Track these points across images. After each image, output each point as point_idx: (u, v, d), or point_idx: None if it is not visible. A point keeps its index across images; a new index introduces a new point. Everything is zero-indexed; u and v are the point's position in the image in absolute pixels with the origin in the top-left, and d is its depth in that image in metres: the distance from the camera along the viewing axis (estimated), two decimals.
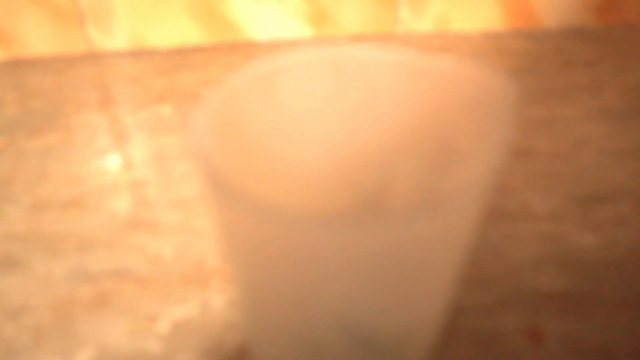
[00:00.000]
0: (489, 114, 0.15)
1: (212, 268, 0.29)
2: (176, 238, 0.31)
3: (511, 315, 0.27)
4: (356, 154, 0.18)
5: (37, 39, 0.52)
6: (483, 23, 0.56)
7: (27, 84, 0.48)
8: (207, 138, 0.13)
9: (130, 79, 0.49)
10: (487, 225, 0.32)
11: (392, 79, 0.16)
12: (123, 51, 0.54)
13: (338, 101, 0.17)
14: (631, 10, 0.56)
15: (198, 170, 0.12)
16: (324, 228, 0.11)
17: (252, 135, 0.16)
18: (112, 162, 0.38)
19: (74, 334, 0.26)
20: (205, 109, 0.14)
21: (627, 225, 0.32)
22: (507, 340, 0.26)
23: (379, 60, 0.17)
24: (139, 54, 0.53)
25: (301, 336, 0.14)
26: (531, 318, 0.27)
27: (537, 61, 0.50)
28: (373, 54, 0.17)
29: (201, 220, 0.33)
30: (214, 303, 0.27)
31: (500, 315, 0.27)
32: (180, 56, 0.53)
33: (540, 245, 0.31)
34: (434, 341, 0.17)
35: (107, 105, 0.45)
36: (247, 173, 0.16)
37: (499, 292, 0.28)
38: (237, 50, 0.54)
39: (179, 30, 0.54)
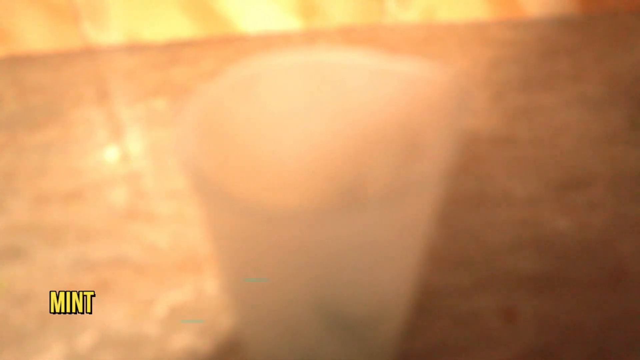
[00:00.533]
0: (447, 112, 0.16)
1: (206, 255, 0.31)
2: (171, 227, 0.33)
3: (487, 296, 0.28)
4: (333, 150, 0.20)
5: (34, 35, 0.53)
6: (468, 13, 0.57)
7: (26, 80, 0.50)
8: (191, 140, 0.15)
9: (126, 73, 0.50)
10: (466, 211, 0.34)
11: (363, 81, 0.18)
12: (118, 46, 0.55)
13: (315, 102, 0.19)
14: None
15: (183, 170, 0.14)
16: (296, 220, 0.13)
17: (235, 134, 0.18)
18: (110, 156, 0.40)
19: (76, 319, 0.28)
20: (191, 111, 0.16)
21: (600, 209, 0.33)
22: (483, 319, 0.27)
23: (351, 64, 0.18)
24: (134, 48, 0.55)
25: (280, 317, 0.16)
26: (506, 298, 0.28)
27: (520, 50, 0.52)
28: (346, 58, 0.18)
29: (195, 210, 0.34)
30: (207, 288, 0.29)
31: (476, 296, 0.28)
32: (174, 50, 0.54)
33: (517, 230, 0.32)
34: (406, 319, 0.19)
35: (104, 100, 0.46)
36: (230, 171, 0.18)
37: (476, 274, 0.30)
38: (229, 44, 0.55)
39: (172, 25, 0.55)
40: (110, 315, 0.28)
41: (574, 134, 0.40)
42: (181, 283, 0.29)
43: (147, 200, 0.35)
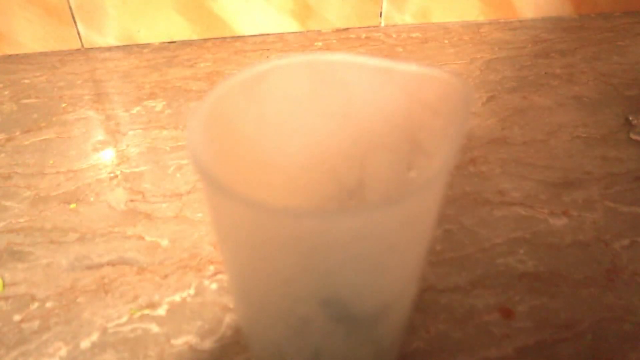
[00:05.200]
0: (449, 114, 0.17)
1: (206, 256, 0.31)
2: (171, 228, 0.33)
3: (484, 294, 0.29)
4: (337, 148, 0.20)
5: (30, 36, 0.53)
6: (462, 15, 0.58)
7: (22, 81, 0.50)
8: (200, 141, 0.15)
9: (122, 74, 0.50)
10: (463, 210, 0.34)
11: (366, 83, 0.18)
12: (114, 47, 0.55)
13: (318, 103, 0.19)
14: (606, 0, 0.58)
15: (194, 170, 0.14)
16: (304, 219, 0.13)
17: (241, 134, 0.18)
18: (108, 157, 0.40)
19: (78, 320, 0.28)
20: (199, 113, 0.16)
21: (594, 208, 0.34)
22: (480, 316, 0.28)
23: (353, 66, 0.18)
24: (130, 49, 0.55)
25: (287, 311, 0.16)
26: (503, 296, 0.29)
27: (514, 51, 0.52)
28: (348, 60, 0.19)
29: (194, 211, 0.35)
30: (209, 288, 0.29)
31: (474, 294, 0.29)
32: (170, 51, 0.54)
33: (513, 229, 0.33)
34: (408, 315, 0.19)
35: (101, 101, 0.46)
36: (237, 169, 0.18)
37: (474, 273, 0.30)
38: (226, 45, 0.55)
39: (168, 26, 0.55)
40: (112, 317, 0.28)
41: (567, 135, 0.41)
42: (183, 283, 0.30)
43: (147, 202, 0.35)
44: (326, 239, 0.13)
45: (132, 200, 0.35)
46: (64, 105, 0.46)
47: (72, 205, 0.35)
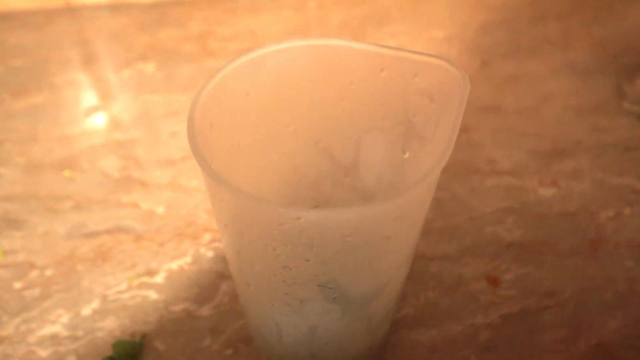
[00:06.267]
0: (446, 102, 0.17)
1: (202, 224, 0.32)
2: (167, 196, 0.34)
3: (473, 262, 0.30)
4: (332, 130, 0.20)
5: None
6: None
7: (7, 40, 0.49)
8: (200, 130, 0.15)
9: (111, 35, 0.49)
10: (453, 179, 0.35)
11: (364, 68, 0.18)
12: (102, 5, 0.53)
13: (316, 86, 0.19)
14: None
15: (197, 163, 0.14)
16: (304, 215, 0.14)
17: (240, 118, 0.18)
18: (100, 122, 0.39)
19: (78, 287, 0.29)
20: (198, 100, 0.16)
21: (582, 179, 0.35)
22: (468, 284, 0.29)
23: (352, 51, 0.18)
24: (118, 7, 0.53)
25: (285, 293, 0.17)
26: (490, 264, 0.30)
27: (509, 15, 0.52)
28: (347, 46, 0.19)
29: (189, 178, 0.35)
30: (205, 255, 0.30)
31: (463, 262, 0.30)
32: (160, 11, 0.53)
33: (502, 198, 0.33)
34: (401, 291, 0.20)
35: (91, 63, 0.45)
36: (236, 152, 0.18)
37: (463, 242, 0.31)
38: (217, 5, 0.54)
39: None
40: (111, 284, 0.29)
41: (560, 103, 0.41)
42: (179, 250, 0.30)
43: (141, 169, 0.36)
44: (324, 232, 0.14)
45: (126, 168, 0.36)
46: (52, 67, 0.45)
47: (67, 173, 0.35)
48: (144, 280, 0.29)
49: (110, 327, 0.27)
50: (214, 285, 0.29)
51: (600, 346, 0.26)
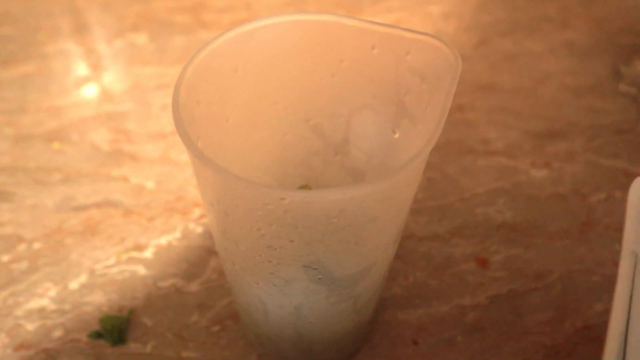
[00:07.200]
0: (437, 82, 0.16)
1: (192, 199, 0.32)
2: (156, 170, 0.33)
3: (462, 243, 0.30)
4: (323, 107, 0.20)
5: None
6: None
7: None
8: (187, 103, 0.15)
9: (102, 3, 0.48)
10: (447, 159, 0.34)
11: (355, 45, 0.18)
12: None
13: (306, 62, 0.19)
14: None
15: (182, 141, 0.14)
16: (288, 196, 0.14)
17: (228, 94, 0.18)
18: (91, 94, 0.39)
19: (66, 261, 0.28)
20: (185, 76, 0.16)
21: (575, 160, 0.34)
22: (457, 264, 0.29)
23: (342, 27, 0.18)
24: None
25: (271, 273, 0.17)
26: (480, 245, 0.30)
27: None
28: (337, 21, 0.18)
29: (179, 152, 0.35)
30: (194, 231, 0.30)
31: (453, 242, 0.30)
32: None
33: (494, 179, 0.33)
34: (387, 271, 0.20)
35: (81, 33, 0.44)
36: (224, 129, 0.18)
37: (453, 222, 0.31)
38: None
39: None
40: (100, 258, 0.29)
41: (556, 83, 0.40)
42: (169, 225, 0.30)
43: (132, 142, 0.35)
44: (309, 213, 0.14)
45: (116, 140, 0.35)
46: (42, 36, 0.44)
47: (56, 145, 0.35)
48: (132, 255, 0.29)
49: (98, 301, 0.27)
50: (202, 261, 0.29)
51: (586, 329, 0.26)
